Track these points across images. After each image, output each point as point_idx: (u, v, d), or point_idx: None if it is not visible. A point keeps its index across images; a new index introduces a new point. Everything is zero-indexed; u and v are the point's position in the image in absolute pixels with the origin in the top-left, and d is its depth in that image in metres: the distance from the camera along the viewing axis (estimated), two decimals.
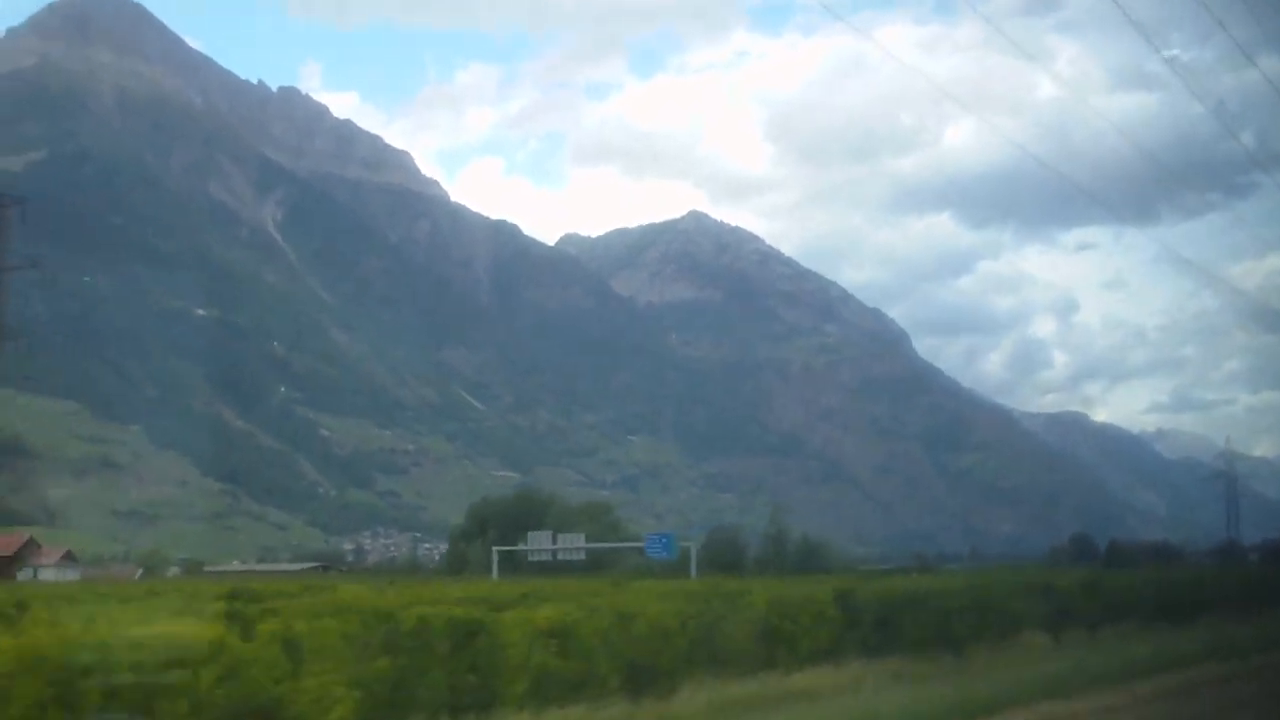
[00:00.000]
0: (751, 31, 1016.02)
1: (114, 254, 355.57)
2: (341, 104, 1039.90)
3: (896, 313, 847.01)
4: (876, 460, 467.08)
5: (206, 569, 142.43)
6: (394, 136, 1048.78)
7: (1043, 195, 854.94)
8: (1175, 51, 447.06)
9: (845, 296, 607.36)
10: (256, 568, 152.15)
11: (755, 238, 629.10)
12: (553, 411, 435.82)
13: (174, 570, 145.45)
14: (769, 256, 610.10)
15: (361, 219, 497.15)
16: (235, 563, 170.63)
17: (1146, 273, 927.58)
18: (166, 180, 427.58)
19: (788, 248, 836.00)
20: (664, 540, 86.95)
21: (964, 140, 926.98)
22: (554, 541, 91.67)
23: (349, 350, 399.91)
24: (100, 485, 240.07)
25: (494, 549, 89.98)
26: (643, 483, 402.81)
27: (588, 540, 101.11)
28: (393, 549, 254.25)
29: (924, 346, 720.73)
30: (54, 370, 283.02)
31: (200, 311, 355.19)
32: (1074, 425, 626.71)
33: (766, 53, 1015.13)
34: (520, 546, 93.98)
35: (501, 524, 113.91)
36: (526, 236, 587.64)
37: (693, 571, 74.74)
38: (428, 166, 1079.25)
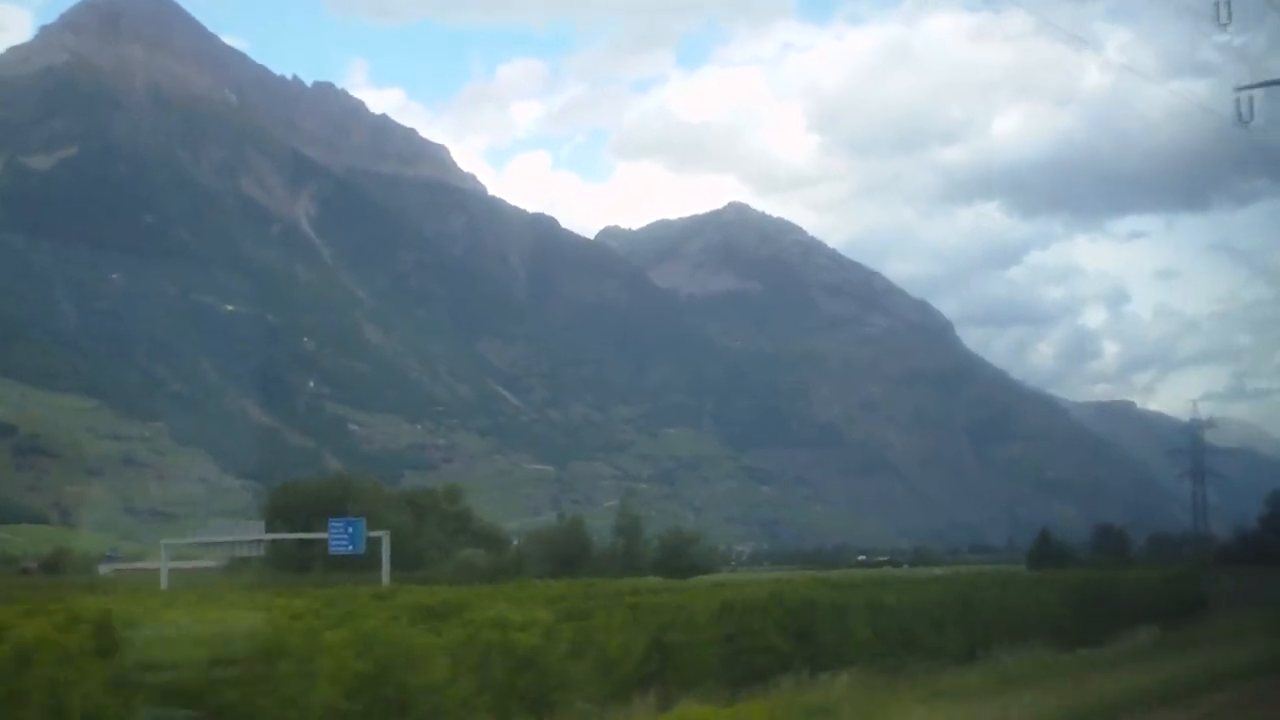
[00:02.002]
0: (798, 22, 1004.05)
1: (144, 251, 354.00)
2: (386, 101, 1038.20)
3: (945, 305, 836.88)
4: (920, 452, 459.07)
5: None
6: (439, 133, 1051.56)
7: (1093, 183, 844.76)
8: (1227, 36, 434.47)
9: (889, 288, 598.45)
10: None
11: (797, 229, 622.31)
12: (588, 405, 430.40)
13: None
14: (811, 248, 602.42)
15: (396, 214, 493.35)
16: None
17: (1199, 261, 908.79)
18: (198, 177, 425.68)
19: (835, 241, 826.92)
20: (349, 529, 70.66)
21: (1013, 129, 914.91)
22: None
23: (382, 346, 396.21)
24: (119, 483, 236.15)
25: (163, 543, 76.41)
26: (680, 476, 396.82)
27: (419, 533, 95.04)
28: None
29: (973, 338, 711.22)
30: (78, 368, 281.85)
31: (230, 308, 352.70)
32: (1123, 415, 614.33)
33: (812, 44, 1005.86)
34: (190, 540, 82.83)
35: (305, 512, 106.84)
36: (564, 230, 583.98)
37: (385, 571, 64.97)
38: (467, 161, 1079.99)
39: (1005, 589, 30.57)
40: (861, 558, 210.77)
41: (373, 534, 70.02)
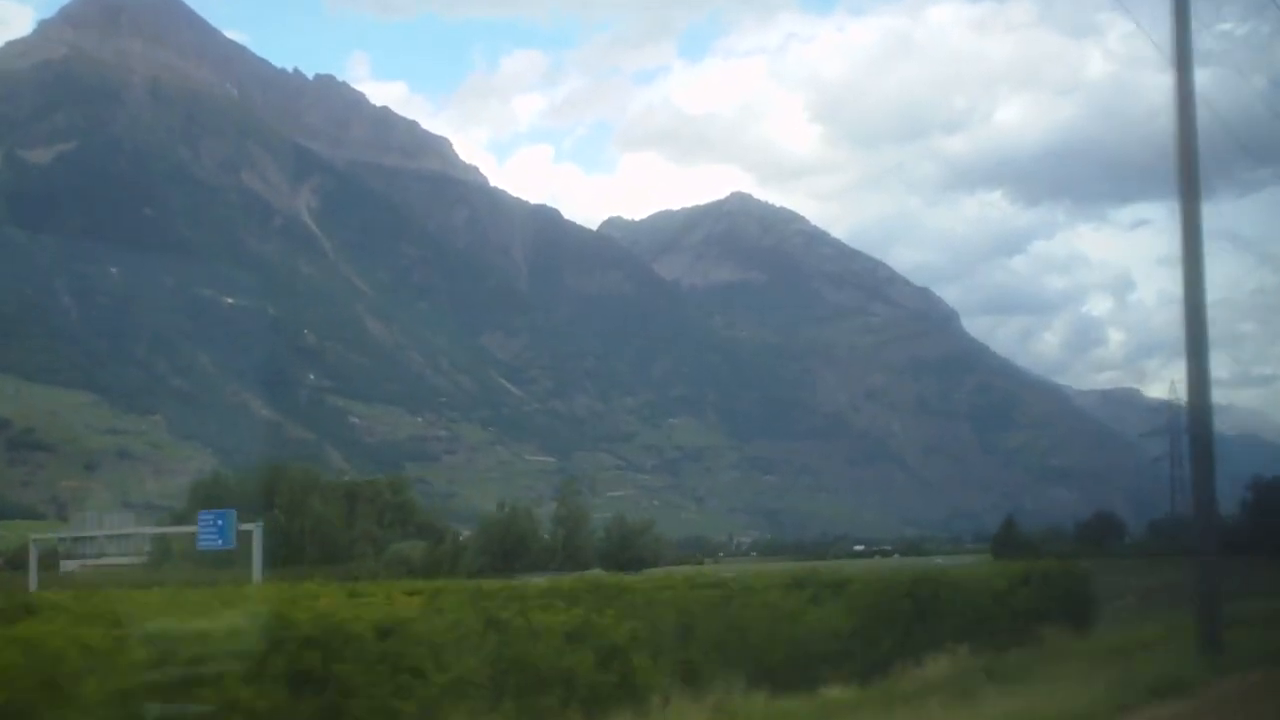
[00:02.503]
0: (800, 13, 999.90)
1: (144, 245, 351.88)
2: (389, 95, 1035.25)
3: (949, 294, 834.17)
4: (924, 440, 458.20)
5: None
6: (441, 126, 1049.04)
7: (1096, 172, 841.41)
8: (1228, 25, 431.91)
9: (893, 277, 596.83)
10: None
11: (800, 218, 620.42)
12: (592, 396, 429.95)
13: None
14: (814, 237, 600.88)
15: (398, 207, 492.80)
16: None
17: (1203, 249, 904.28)
18: (198, 171, 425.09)
19: (839, 230, 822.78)
20: (219, 522, 63.73)
21: (1016, 118, 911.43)
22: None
23: (384, 339, 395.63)
24: (115, 477, 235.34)
25: (31, 539, 69.58)
26: (683, 466, 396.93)
27: (350, 525, 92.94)
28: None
29: (978, 327, 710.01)
30: (76, 362, 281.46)
31: (230, 301, 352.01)
32: (1127, 402, 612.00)
33: (815, 34, 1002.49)
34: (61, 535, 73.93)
35: (230, 504, 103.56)
36: (567, 221, 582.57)
37: (256, 569, 58.58)
38: (469, 153, 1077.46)
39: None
40: (859, 548, 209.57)
41: (244, 527, 65.28)
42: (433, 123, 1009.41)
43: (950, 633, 23.30)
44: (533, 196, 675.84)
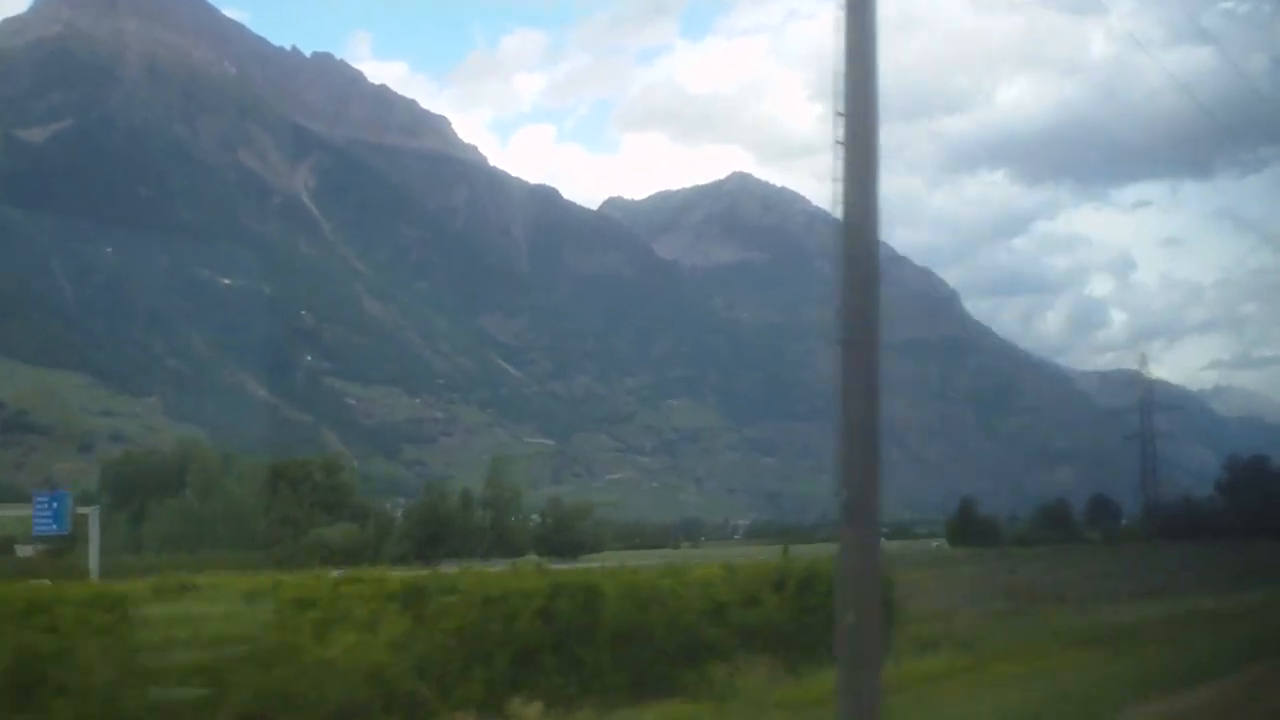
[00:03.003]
0: None
1: (141, 225, 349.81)
2: (390, 74, 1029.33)
3: (951, 275, 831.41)
4: (924, 422, 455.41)
5: None
6: (443, 106, 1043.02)
7: (1098, 152, 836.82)
8: (1230, 4, 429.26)
9: (894, 257, 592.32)
10: None
11: (801, 198, 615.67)
12: (591, 377, 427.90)
13: None
14: (816, 217, 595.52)
15: (397, 186, 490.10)
16: None
17: (1203, 229, 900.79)
18: (195, 150, 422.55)
19: (841, 211, 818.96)
20: (54, 505, 58.32)
21: (1018, 98, 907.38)
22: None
23: (382, 319, 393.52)
24: (107, 459, 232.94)
25: None
26: (682, 448, 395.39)
27: (271, 508, 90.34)
28: None
29: (980, 308, 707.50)
30: (71, 343, 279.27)
31: (227, 282, 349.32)
32: (1130, 384, 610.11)
33: (816, 12, 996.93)
34: None
35: (141, 486, 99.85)
36: (567, 201, 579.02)
37: (93, 562, 53.55)
38: (470, 133, 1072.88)
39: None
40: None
41: (82, 510, 61.24)
42: (434, 102, 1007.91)
43: (592, 671, 17.82)
44: (536, 177, 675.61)
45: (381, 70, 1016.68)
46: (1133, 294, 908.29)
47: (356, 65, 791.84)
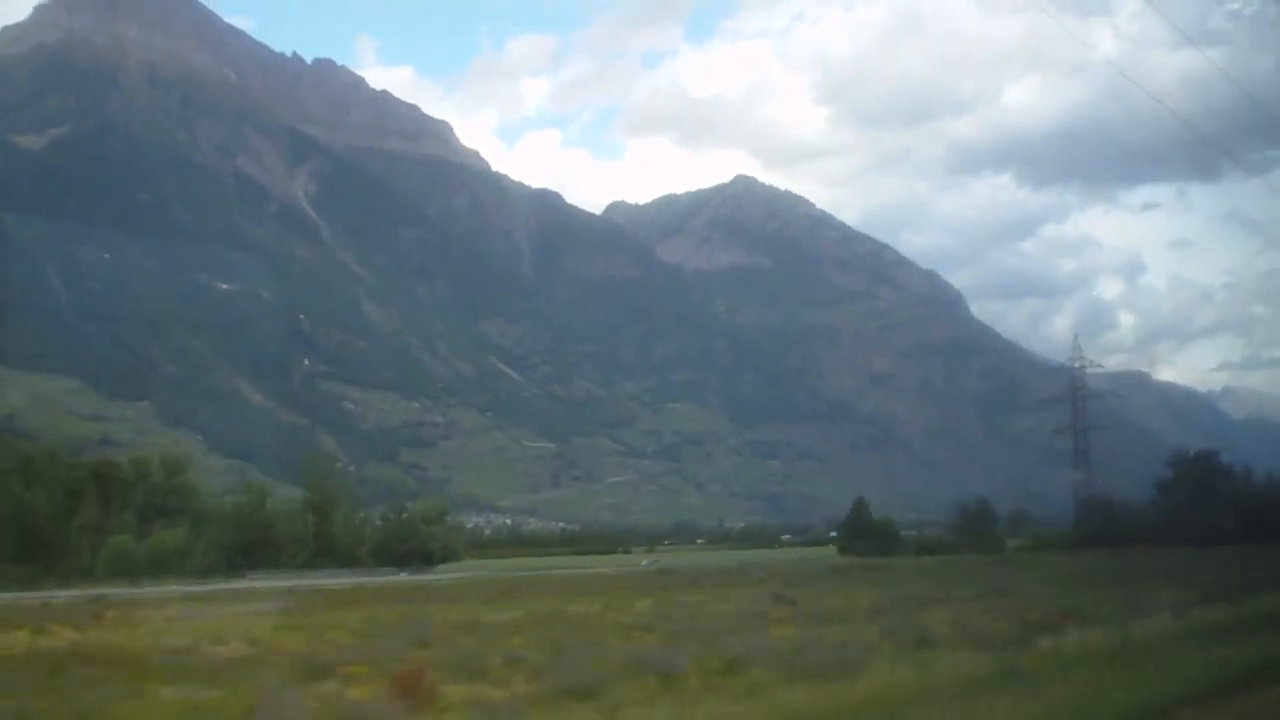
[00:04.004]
0: None
1: (138, 230, 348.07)
2: (396, 80, 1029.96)
3: (959, 278, 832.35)
4: (929, 424, 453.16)
5: None
6: (449, 111, 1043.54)
7: (1105, 154, 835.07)
8: (1238, 5, 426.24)
9: (899, 260, 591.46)
10: None
11: (805, 202, 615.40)
12: (592, 381, 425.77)
13: None
14: (820, 221, 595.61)
15: (398, 191, 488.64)
16: None
17: (1212, 231, 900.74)
18: (194, 156, 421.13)
19: (848, 215, 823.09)
20: None
21: (1024, 100, 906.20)
22: None
23: (381, 324, 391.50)
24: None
25: None
26: (684, 451, 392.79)
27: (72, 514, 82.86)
28: None
29: (988, 311, 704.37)
30: (64, 348, 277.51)
31: (225, 287, 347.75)
32: (1136, 386, 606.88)
33: (822, 15, 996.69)
34: None
35: None
36: (569, 205, 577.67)
37: None
38: (475, 138, 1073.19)
39: None
40: (786, 537, 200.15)
41: None
42: (439, 107, 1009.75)
43: None
44: (542, 182, 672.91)
45: (387, 76, 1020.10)
46: (1141, 296, 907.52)
47: (362, 71, 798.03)
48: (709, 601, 38.66)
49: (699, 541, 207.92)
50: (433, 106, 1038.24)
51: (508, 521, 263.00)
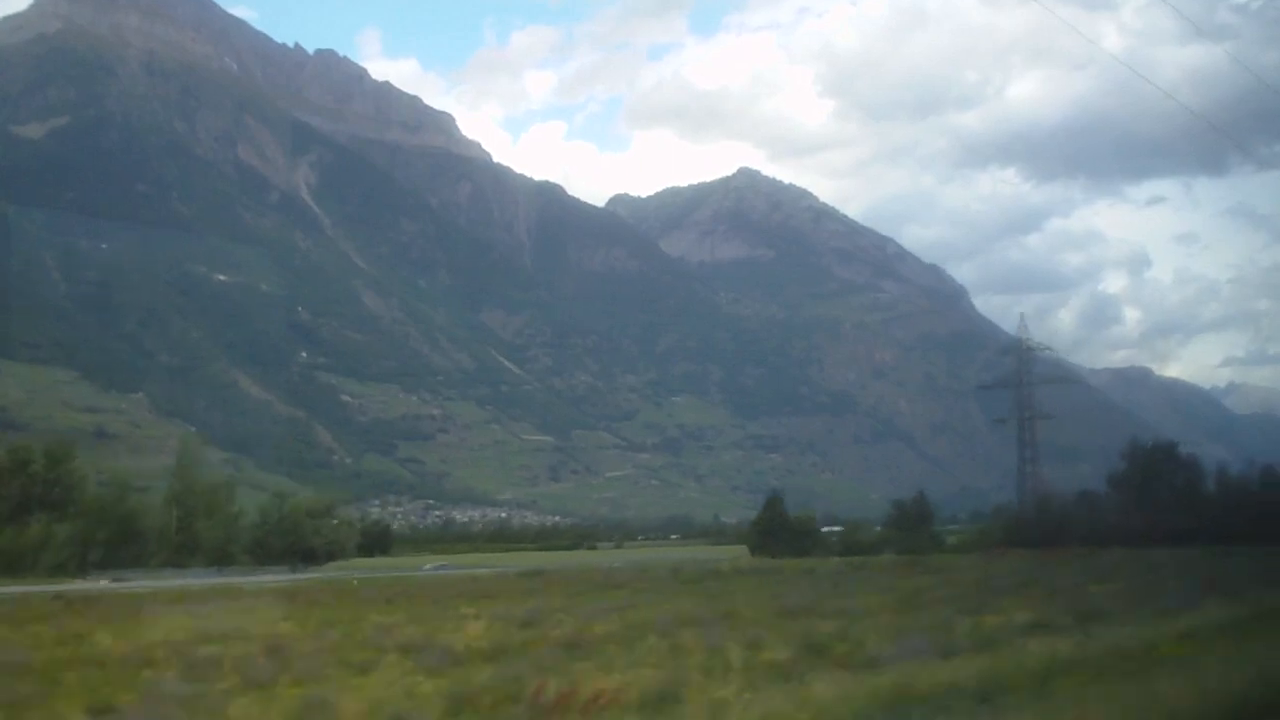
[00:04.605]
0: None
1: (136, 221, 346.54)
2: (401, 72, 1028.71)
3: (964, 272, 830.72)
4: (931, 418, 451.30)
5: None
6: (453, 104, 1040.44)
7: (1111, 148, 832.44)
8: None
9: (902, 253, 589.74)
10: None
11: (809, 194, 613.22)
12: (593, 374, 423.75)
13: None
14: (823, 213, 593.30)
15: (400, 182, 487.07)
16: None
17: (1218, 226, 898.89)
18: (194, 146, 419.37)
19: (853, 208, 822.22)
20: None
21: (1029, 93, 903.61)
22: None
23: (381, 315, 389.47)
24: (89, 457, 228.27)
25: None
26: (685, 445, 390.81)
27: None
28: (400, 517, 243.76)
29: (993, 305, 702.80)
30: (59, 339, 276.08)
31: (222, 278, 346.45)
32: (1140, 381, 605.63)
33: (827, 8, 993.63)
34: None
35: None
36: (571, 198, 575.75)
37: None
38: (483, 130, 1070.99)
39: None
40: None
41: None
42: (444, 100, 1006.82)
43: None
44: (547, 174, 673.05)
45: (392, 68, 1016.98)
46: (1147, 290, 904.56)
47: (367, 63, 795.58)
48: (470, 619, 29.79)
49: (673, 537, 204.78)
50: (438, 99, 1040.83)
51: (503, 515, 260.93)
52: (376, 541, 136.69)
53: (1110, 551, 64.26)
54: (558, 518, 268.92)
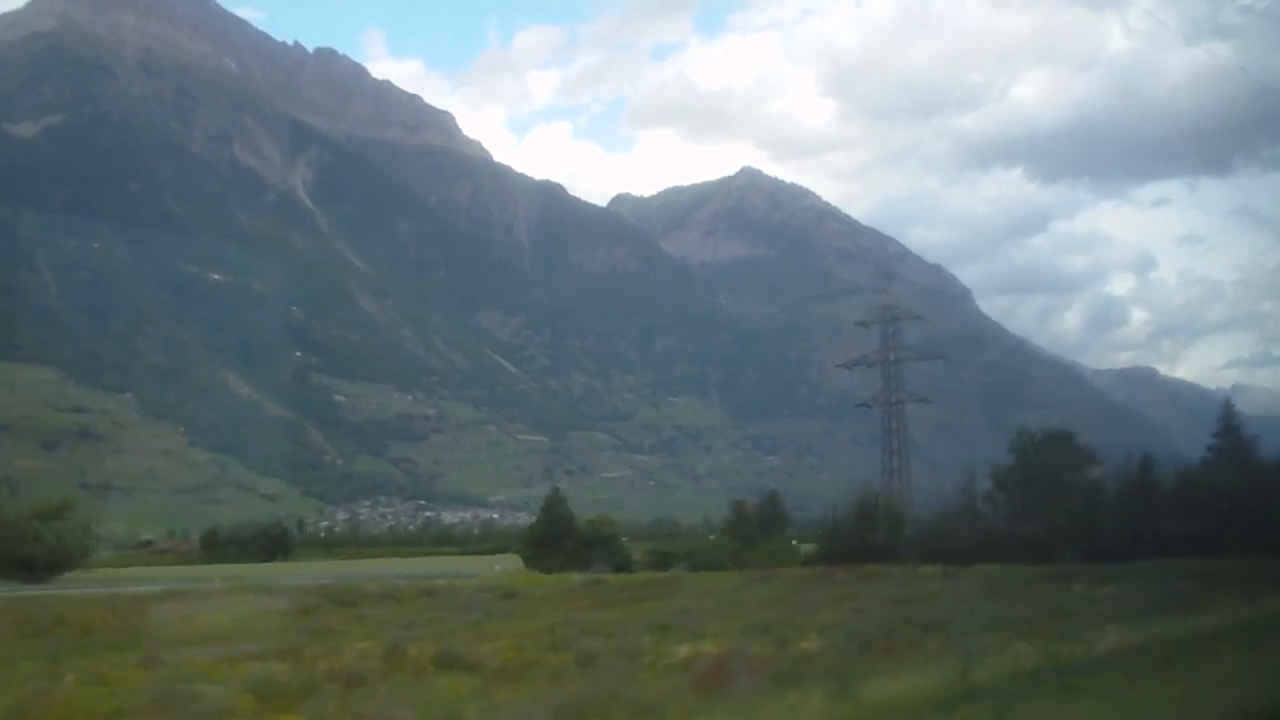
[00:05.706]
0: None
1: (130, 220, 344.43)
2: (405, 72, 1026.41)
3: (968, 273, 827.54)
4: (932, 420, 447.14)
5: None
6: (457, 104, 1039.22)
7: (1115, 149, 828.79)
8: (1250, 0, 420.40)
9: (904, 254, 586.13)
10: None
11: (811, 194, 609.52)
12: (590, 374, 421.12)
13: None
14: (825, 214, 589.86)
15: (398, 182, 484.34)
16: None
17: (1223, 227, 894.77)
18: (190, 145, 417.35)
19: (856, 209, 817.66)
20: None
21: (1033, 95, 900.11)
22: None
23: (376, 316, 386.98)
24: (74, 457, 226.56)
25: None
26: (683, 446, 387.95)
27: None
28: (390, 518, 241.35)
29: (997, 307, 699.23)
30: (46, 339, 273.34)
31: (215, 277, 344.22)
32: (1144, 382, 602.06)
33: (831, 9, 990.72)
34: None
35: None
36: (572, 197, 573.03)
37: None
38: (485, 130, 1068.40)
39: None
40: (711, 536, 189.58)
41: None
42: (448, 100, 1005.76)
43: None
44: (552, 174, 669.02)
45: (396, 68, 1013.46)
46: (1152, 292, 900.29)
47: (372, 64, 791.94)
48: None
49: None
50: (442, 100, 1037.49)
51: (494, 516, 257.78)
52: (276, 544, 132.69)
53: (974, 570, 50.94)
54: None
